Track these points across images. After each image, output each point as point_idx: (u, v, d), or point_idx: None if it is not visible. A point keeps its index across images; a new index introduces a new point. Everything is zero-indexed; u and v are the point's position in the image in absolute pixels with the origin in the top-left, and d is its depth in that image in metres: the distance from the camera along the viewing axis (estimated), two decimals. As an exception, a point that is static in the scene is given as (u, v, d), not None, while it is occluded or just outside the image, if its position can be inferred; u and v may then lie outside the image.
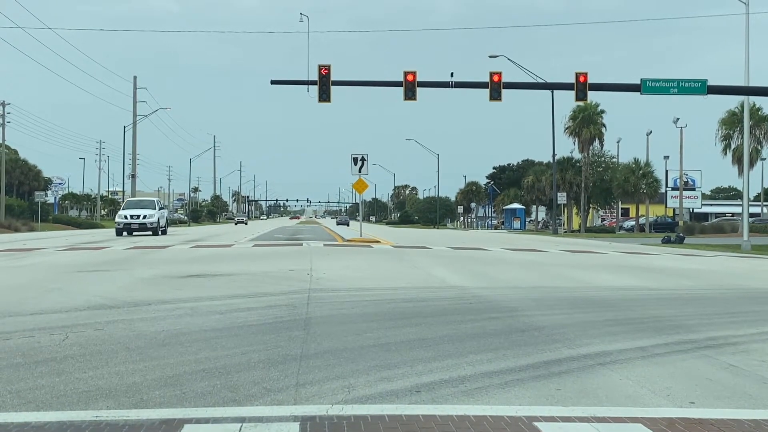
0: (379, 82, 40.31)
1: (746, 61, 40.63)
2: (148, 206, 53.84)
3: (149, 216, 51.37)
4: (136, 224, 50.80)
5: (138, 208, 52.87)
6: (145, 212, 51.75)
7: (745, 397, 7.20)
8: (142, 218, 51.05)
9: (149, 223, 51.06)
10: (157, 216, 51.81)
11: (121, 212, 53.20)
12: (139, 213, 51.58)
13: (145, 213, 51.62)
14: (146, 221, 51.04)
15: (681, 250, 37.92)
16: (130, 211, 52.15)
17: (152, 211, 52.24)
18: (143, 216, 51.23)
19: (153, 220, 51.22)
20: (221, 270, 20.16)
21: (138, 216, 51.18)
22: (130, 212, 51.82)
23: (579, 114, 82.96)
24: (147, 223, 50.98)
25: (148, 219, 51.13)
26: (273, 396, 6.96)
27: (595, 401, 6.91)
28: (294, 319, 11.48)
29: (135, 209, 52.60)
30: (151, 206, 53.75)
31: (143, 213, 51.57)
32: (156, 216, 51.72)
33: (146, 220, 51.07)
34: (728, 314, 13.00)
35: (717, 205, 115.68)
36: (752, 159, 69.56)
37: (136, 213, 51.56)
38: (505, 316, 12.13)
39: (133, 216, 51.14)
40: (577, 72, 37.33)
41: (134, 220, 50.90)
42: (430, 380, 7.60)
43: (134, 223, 50.81)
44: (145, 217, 51.22)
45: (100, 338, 9.85)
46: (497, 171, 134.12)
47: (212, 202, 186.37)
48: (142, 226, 50.86)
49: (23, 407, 6.56)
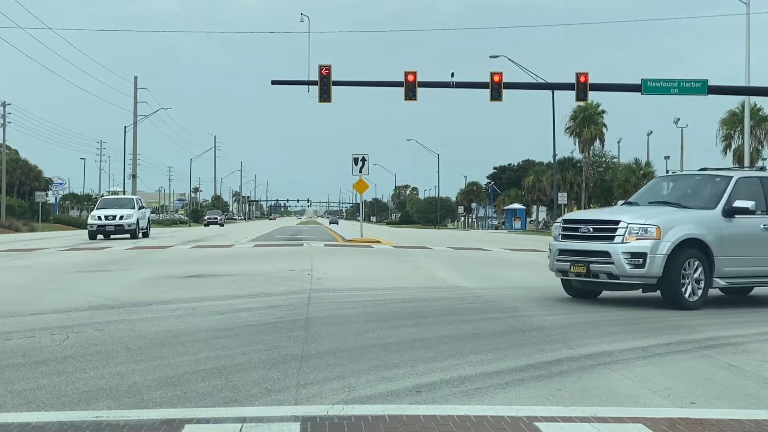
0: (379, 83, 40.31)
1: (747, 61, 40.66)
2: (126, 205, 47.19)
3: (126, 216, 44.80)
4: (111, 226, 44.27)
5: (114, 208, 46.21)
6: (122, 212, 45.11)
7: (746, 397, 7.21)
8: (118, 219, 44.47)
9: (127, 224, 44.59)
10: (136, 216, 45.33)
11: (94, 212, 46.52)
12: (115, 213, 44.89)
13: (122, 213, 44.96)
14: (123, 222, 44.50)
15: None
16: (105, 211, 45.43)
17: (130, 210, 45.72)
18: (120, 216, 44.61)
19: (131, 221, 44.84)
20: (221, 270, 20.16)
21: (114, 216, 44.55)
22: (104, 212, 45.12)
23: (580, 114, 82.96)
24: (124, 225, 44.50)
25: (126, 220, 44.61)
26: (273, 396, 6.96)
27: (595, 401, 6.92)
28: (294, 320, 11.48)
29: (110, 209, 45.86)
30: (129, 205, 47.15)
31: (120, 213, 44.96)
32: (135, 216, 45.23)
33: (123, 221, 44.50)
34: (728, 314, 13.01)
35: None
36: (753, 159, 69.51)
37: (112, 213, 44.87)
38: (505, 317, 12.13)
39: (108, 216, 44.53)
40: (577, 72, 37.36)
41: (109, 222, 44.33)
42: (431, 380, 7.60)
43: (109, 224, 44.29)
44: (121, 217, 44.59)
45: (100, 338, 9.85)
46: (498, 171, 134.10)
47: (213, 202, 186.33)
48: (118, 228, 44.44)
49: (24, 407, 6.57)
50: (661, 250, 13.11)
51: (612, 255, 13.28)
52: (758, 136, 71.29)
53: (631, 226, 13.32)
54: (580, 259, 13.86)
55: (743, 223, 13.95)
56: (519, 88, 41.39)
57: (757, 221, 14.12)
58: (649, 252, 13.09)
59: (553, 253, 14.52)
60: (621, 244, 13.29)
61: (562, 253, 14.29)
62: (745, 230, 13.97)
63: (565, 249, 14.22)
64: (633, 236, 13.25)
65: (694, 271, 13.33)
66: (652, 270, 13.10)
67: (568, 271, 14.13)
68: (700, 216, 13.78)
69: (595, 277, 13.67)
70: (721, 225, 13.74)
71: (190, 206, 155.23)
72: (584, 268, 13.72)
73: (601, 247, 13.51)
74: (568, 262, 14.08)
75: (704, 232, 13.49)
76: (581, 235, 14.05)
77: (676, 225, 13.39)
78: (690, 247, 13.34)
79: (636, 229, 13.27)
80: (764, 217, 14.23)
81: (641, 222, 13.34)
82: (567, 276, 14.35)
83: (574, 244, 14.08)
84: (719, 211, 13.84)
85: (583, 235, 14.02)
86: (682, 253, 13.22)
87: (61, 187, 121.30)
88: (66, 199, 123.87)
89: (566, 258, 14.14)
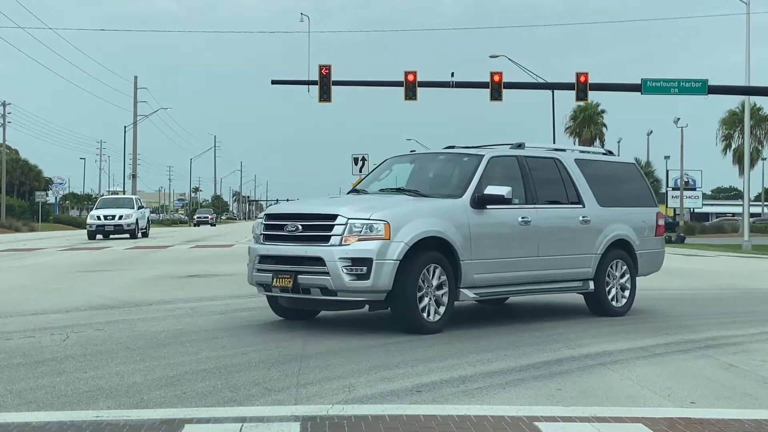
0: (379, 82, 40.30)
1: (747, 61, 40.65)
2: (126, 205, 47.39)
3: (126, 216, 45.00)
4: (110, 226, 44.44)
5: (113, 208, 46.42)
6: (122, 212, 45.31)
7: (746, 397, 7.20)
8: (117, 219, 44.64)
9: (126, 224, 44.77)
10: (135, 216, 45.53)
11: (93, 212, 46.67)
12: (114, 213, 45.10)
13: (121, 213, 45.16)
14: (122, 222, 44.70)
15: (682, 250, 37.90)
16: (104, 210, 45.71)
17: (130, 210, 45.93)
18: (119, 216, 44.81)
19: (130, 221, 45.03)
20: (221, 270, 20.16)
21: (113, 216, 44.74)
22: (104, 212, 45.31)
23: (580, 114, 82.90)
24: (123, 225, 44.69)
25: (125, 220, 44.82)
26: (273, 396, 6.96)
27: (595, 401, 6.91)
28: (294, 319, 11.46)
29: (110, 209, 46.07)
30: (128, 205, 47.36)
31: (119, 213, 45.15)
32: (134, 216, 45.45)
33: (123, 221, 44.70)
34: (729, 314, 13.00)
35: (718, 205, 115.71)
36: (753, 159, 69.63)
37: (111, 213, 45.07)
38: (505, 316, 12.13)
39: (108, 216, 44.72)
40: (577, 72, 37.36)
41: (109, 221, 44.49)
42: (431, 380, 7.60)
43: (108, 224, 44.45)
44: (121, 217, 44.79)
45: (100, 338, 9.86)
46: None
47: (213, 202, 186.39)
48: (117, 228, 44.62)
49: (24, 407, 6.56)
50: (391, 255, 9.85)
51: (327, 262, 9.86)
52: (758, 136, 71.39)
53: (353, 223, 9.96)
54: (285, 269, 10.24)
55: (497, 215, 11.00)
56: (519, 88, 41.36)
57: (513, 213, 11.21)
58: (375, 257, 9.76)
59: (252, 260, 10.79)
60: (339, 247, 9.90)
61: (263, 261, 10.57)
62: (499, 225, 11.05)
63: (267, 255, 10.53)
64: (354, 236, 9.90)
65: (435, 280, 10.26)
66: (379, 282, 9.79)
67: (270, 285, 10.45)
68: (443, 207, 10.66)
69: (305, 292, 10.16)
70: (470, 219, 10.68)
71: (190, 206, 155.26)
72: (291, 281, 10.15)
73: (313, 251, 10.03)
74: (270, 273, 10.42)
75: (448, 228, 10.38)
76: (287, 236, 10.42)
77: (412, 220, 10.16)
78: (430, 249, 10.23)
79: (359, 226, 9.93)
80: (523, 208, 11.39)
81: (365, 216, 10.00)
82: (270, 291, 10.64)
83: (279, 248, 10.44)
84: (467, 200, 10.78)
85: (289, 236, 10.40)
86: (420, 257, 10.08)
87: (61, 187, 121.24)
88: (66, 199, 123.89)
89: (268, 267, 10.47)
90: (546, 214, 11.69)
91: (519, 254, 11.26)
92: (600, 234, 12.32)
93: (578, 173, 12.40)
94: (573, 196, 12.22)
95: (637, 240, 12.90)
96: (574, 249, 12.00)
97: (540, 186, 11.79)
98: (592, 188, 12.44)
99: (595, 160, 13.15)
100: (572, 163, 12.47)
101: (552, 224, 11.76)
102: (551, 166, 12.18)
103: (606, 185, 12.77)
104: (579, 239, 12.09)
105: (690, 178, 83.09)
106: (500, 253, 11.02)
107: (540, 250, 11.49)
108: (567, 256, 11.89)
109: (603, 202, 12.50)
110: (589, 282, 12.19)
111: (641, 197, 13.45)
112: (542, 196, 11.77)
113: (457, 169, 11.67)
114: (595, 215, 12.31)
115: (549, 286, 11.88)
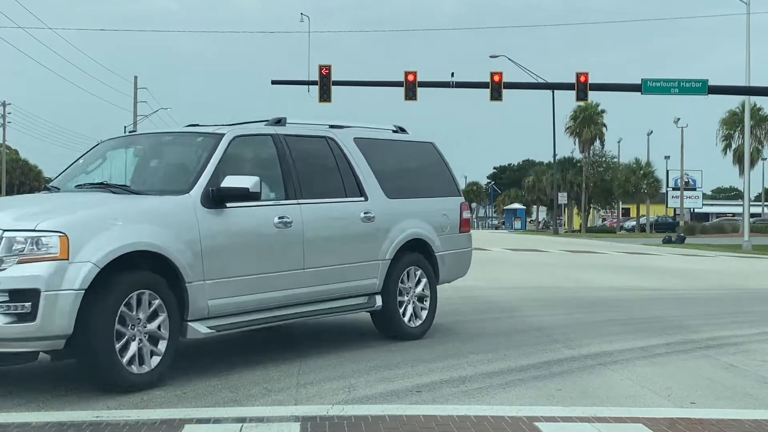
0: (379, 82, 40.28)
1: (747, 61, 40.65)
2: None
3: None
4: None
5: None
6: None
7: (746, 397, 7.20)
8: None
9: None
10: None
11: None
12: None
13: None
14: None
15: (682, 251, 37.91)
16: None
17: None
18: None
19: None
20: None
21: None
22: None
23: (580, 114, 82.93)
24: None
25: None
26: (273, 396, 6.96)
27: (595, 401, 6.91)
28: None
29: None
30: None
31: None
32: None
33: None
34: (729, 314, 13.00)
35: (718, 205, 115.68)
36: (753, 159, 69.57)
37: None
38: (505, 316, 12.13)
39: None
40: (577, 72, 37.34)
41: None
42: (431, 380, 7.60)
43: None
44: None
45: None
46: (498, 171, 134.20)
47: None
48: None
49: (24, 407, 6.56)
50: (70, 282, 6.65)
51: None
52: (758, 136, 71.33)
53: (11, 236, 6.70)
54: None
55: (242, 216, 8.06)
56: (519, 88, 41.34)
57: (267, 212, 8.34)
58: (43, 288, 6.53)
59: None
60: None
61: None
62: (245, 230, 8.09)
63: None
64: (14, 256, 6.63)
65: (144, 313, 7.19)
66: (51, 324, 6.58)
67: None
68: (160, 208, 7.61)
69: None
70: (201, 223, 7.68)
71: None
72: None
73: None
74: None
75: (167, 237, 7.33)
76: None
77: (108, 228, 7.02)
78: (138, 268, 7.22)
79: (21, 241, 6.67)
80: (281, 205, 8.53)
81: (28, 227, 6.76)
82: None
83: None
84: (197, 196, 7.77)
85: None
86: (120, 282, 7.00)
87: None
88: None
89: None
90: (314, 211, 8.82)
91: (277, 268, 8.34)
92: (388, 234, 9.67)
93: (359, 156, 9.72)
94: (352, 186, 9.50)
95: (436, 239, 10.36)
96: (355, 256, 9.26)
97: (306, 175, 8.96)
98: (378, 176, 9.82)
99: (381, 138, 10.43)
100: (351, 143, 9.74)
101: (323, 225, 8.93)
102: (322, 148, 9.43)
103: (396, 171, 10.25)
104: (361, 242, 9.36)
105: (690, 178, 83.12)
106: (248, 269, 8.05)
107: (307, 260, 8.65)
108: (345, 265, 9.12)
109: (392, 193, 9.88)
110: (376, 297, 9.54)
111: (441, 185, 10.85)
112: (309, 187, 8.91)
113: (187, 155, 8.71)
114: (382, 210, 9.64)
115: (322, 306, 8.97)
